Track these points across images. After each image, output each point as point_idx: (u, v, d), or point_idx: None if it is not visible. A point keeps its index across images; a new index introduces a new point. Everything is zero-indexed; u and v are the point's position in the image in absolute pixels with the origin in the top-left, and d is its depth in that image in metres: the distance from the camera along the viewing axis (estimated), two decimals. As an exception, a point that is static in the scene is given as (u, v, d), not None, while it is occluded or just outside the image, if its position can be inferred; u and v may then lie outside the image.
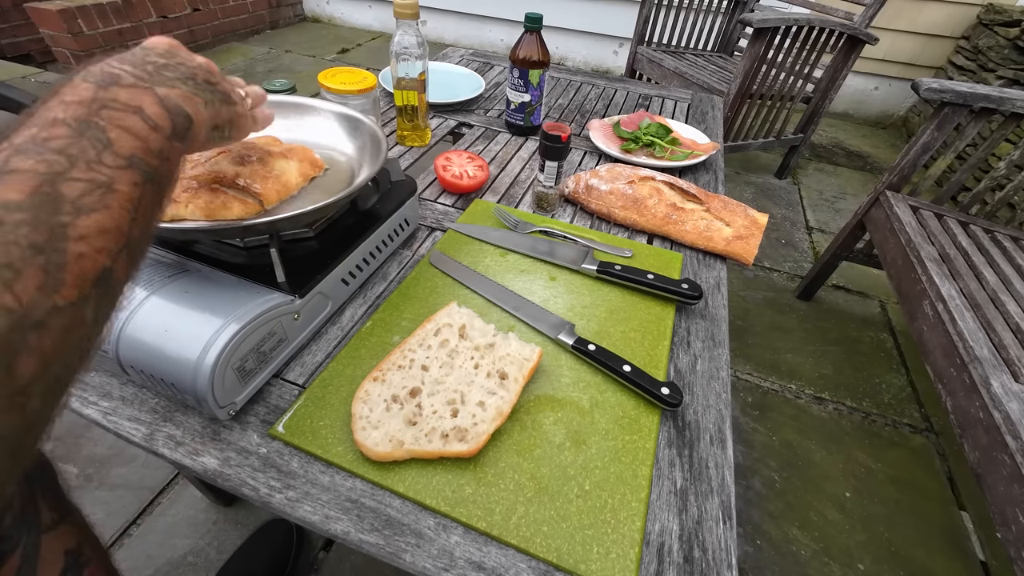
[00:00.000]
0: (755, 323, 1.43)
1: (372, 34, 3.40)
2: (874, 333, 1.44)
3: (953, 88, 1.09)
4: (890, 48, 2.50)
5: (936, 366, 0.90)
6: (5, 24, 2.41)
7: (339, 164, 0.57)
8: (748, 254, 0.67)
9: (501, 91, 1.14)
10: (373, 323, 0.52)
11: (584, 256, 0.62)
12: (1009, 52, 2.03)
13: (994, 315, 0.88)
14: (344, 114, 0.60)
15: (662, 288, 0.58)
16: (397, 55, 0.76)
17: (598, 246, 0.66)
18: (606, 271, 0.59)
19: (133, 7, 2.45)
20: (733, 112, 1.76)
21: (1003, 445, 0.70)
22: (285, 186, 0.49)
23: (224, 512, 0.89)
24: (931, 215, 1.17)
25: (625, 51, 2.89)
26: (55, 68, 2.45)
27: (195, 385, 0.38)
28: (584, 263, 0.61)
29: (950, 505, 1.04)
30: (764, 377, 1.27)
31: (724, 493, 0.41)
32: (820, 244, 1.79)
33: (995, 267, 1.01)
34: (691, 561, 0.37)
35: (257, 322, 0.41)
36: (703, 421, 0.47)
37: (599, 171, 0.76)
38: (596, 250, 0.64)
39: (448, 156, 0.77)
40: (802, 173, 2.24)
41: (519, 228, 0.68)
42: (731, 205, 0.72)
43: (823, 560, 0.93)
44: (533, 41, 0.84)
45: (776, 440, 1.13)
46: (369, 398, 0.43)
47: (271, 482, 0.39)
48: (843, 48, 1.75)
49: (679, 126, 0.96)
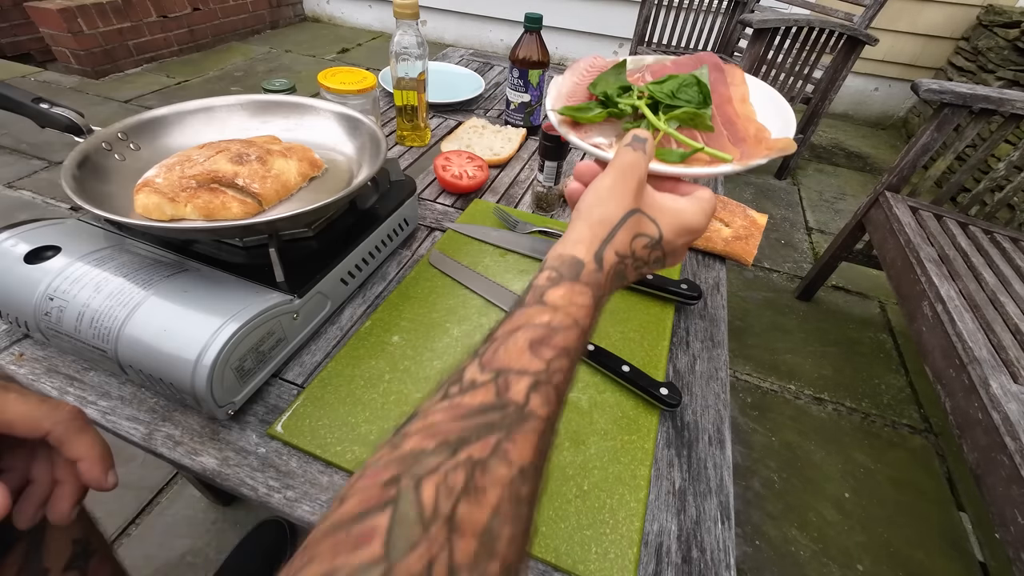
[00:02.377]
0: (754, 324, 1.43)
1: (372, 34, 3.40)
2: (873, 334, 1.44)
3: (953, 89, 1.09)
4: (890, 49, 2.51)
5: (935, 367, 0.90)
6: (5, 23, 2.42)
7: (338, 164, 0.57)
8: (747, 254, 0.67)
9: (501, 91, 1.14)
10: (372, 323, 0.52)
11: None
12: (1009, 53, 2.03)
13: (993, 316, 0.88)
14: (344, 114, 0.60)
15: (661, 288, 0.58)
16: (397, 55, 0.76)
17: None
18: None
19: (133, 6, 2.45)
20: (733, 113, 1.76)
21: (1002, 446, 0.70)
22: (284, 186, 0.49)
23: (223, 512, 0.89)
24: (930, 216, 1.17)
25: (625, 51, 2.89)
26: (55, 67, 2.46)
27: (194, 384, 0.38)
28: None
29: (949, 506, 1.04)
30: (763, 378, 1.27)
31: (723, 493, 0.42)
32: (820, 245, 1.79)
33: (994, 268, 1.01)
34: (689, 561, 0.37)
35: (256, 322, 0.41)
36: (702, 421, 0.47)
37: (599, 171, 0.76)
38: None
39: (448, 156, 0.77)
40: (802, 174, 2.24)
41: (519, 228, 0.68)
42: (730, 205, 0.72)
43: (822, 561, 0.93)
44: (533, 41, 0.84)
45: (775, 441, 1.13)
46: None
47: (270, 482, 0.39)
48: (843, 49, 1.75)
49: (760, 87, 0.41)
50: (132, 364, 0.40)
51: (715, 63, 0.40)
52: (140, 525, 0.87)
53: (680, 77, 0.38)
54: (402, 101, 0.82)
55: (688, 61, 0.41)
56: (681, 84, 0.37)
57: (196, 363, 0.37)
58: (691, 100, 0.37)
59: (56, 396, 0.43)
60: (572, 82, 0.43)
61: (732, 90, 0.40)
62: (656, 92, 0.37)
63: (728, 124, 0.37)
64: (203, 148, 0.49)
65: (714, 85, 0.39)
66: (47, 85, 2.32)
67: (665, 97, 0.37)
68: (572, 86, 0.43)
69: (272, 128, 0.59)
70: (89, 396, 0.44)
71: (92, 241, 0.45)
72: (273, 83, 0.69)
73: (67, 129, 0.47)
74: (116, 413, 0.43)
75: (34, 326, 0.42)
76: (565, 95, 0.41)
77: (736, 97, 0.39)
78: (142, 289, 0.41)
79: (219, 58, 2.76)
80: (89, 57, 2.35)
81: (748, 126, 0.37)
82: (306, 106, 0.60)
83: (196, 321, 0.39)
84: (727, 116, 0.38)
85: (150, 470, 0.93)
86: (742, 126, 0.37)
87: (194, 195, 0.44)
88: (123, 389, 0.45)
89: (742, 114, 0.38)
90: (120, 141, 0.50)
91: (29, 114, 0.46)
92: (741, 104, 0.39)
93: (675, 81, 0.38)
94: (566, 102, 0.41)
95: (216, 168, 0.46)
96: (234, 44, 3.00)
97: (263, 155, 0.49)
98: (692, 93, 0.37)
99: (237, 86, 2.45)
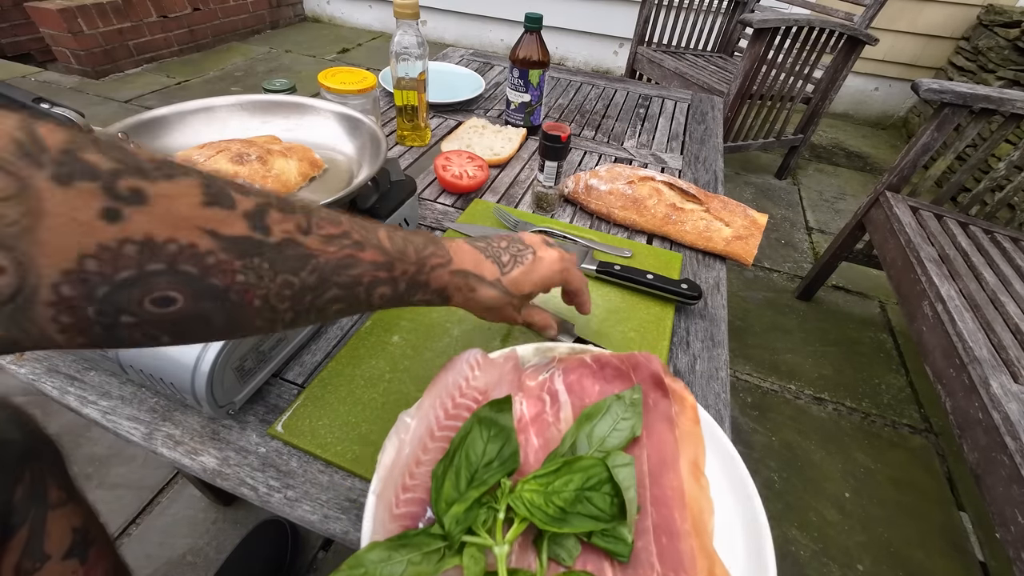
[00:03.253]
0: (755, 323, 1.43)
1: (372, 34, 3.40)
2: (874, 334, 1.44)
3: (953, 89, 1.09)
4: (890, 49, 2.50)
5: (935, 367, 0.90)
6: (5, 23, 2.41)
7: (338, 164, 0.58)
8: (748, 254, 0.67)
9: (501, 91, 1.14)
10: (373, 323, 0.52)
11: (584, 256, 0.62)
12: (1009, 53, 2.03)
13: (993, 316, 0.88)
14: (344, 114, 0.60)
15: (661, 288, 0.58)
16: (397, 55, 0.76)
17: (598, 246, 0.66)
18: (606, 271, 0.59)
19: (133, 6, 2.45)
20: (733, 112, 1.76)
21: (1002, 446, 0.70)
22: (284, 186, 0.49)
23: (223, 511, 0.89)
24: (931, 216, 1.17)
25: (625, 51, 2.89)
26: (55, 67, 2.46)
27: (194, 384, 0.38)
28: (584, 263, 0.61)
29: (949, 506, 1.04)
30: (763, 377, 1.27)
31: (723, 493, 0.41)
32: (820, 245, 1.79)
33: (995, 268, 1.01)
34: (690, 561, 0.37)
35: (256, 321, 0.41)
36: (702, 421, 0.47)
37: (599, 171, 0.76)
38: (596, 250, 0.64)
39: (448, 156, 0.77)
40: (802, 174, 2.24)
41: (519, 228, 0.68)
42: (731, 205, 0.72)
43: (822, 561, 0.93)
44: (533, 41, 0.84)
45: (775, 440, 1.13)
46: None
47: (270, 481, 0.39)
48: (843, 49, 1.75)
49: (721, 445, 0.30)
50: (132, 364, 0.40)
51: (655, 378, 0.28)
52: (140, 525, 0.87)
53: (585, 462, 0.25)
54: (402, 101, 0.82)
55: (618, 366, 0.30)
56: (585, 484, 0.24)
57: (197, 363, 0.37)
58: (599, 514, 0.23)
59: (57, 396, 0.43)
60: (419, 433, 0.28)
61: (681, 443, 0.25)
62: (538, 514, 0.23)
63: (663, 527, 0.22)
64: (203, 148, 0.49)
65: (651, 423, 0.26)
66: (47, 85, 2.33)
67: (550, 522, 0.23)
68: (418, 441, 0.28)
69: (272, 128, 0.59)
70: (90, 396, 0.44)
71: (92, 241, 0.45)
72: (273, 83, 0.69)
73: (67, 129, 0.47)
74: (116, 413, 0.43)
75: (35, 326, 0.42)
76: (397, 476, 0.26)
77: (686, 460, 0.25)
78: (142, 289, 0.41)
79: (219, 58, 2.76)
80: (89, 57, 2.35)
81: (698, 558, 0.21)
82: (306, 106, 0.60)
83: (196, 321, 0.39)
84: (663, 499, 0.23)
85: (150, 470, 0.94)
86: (686, 547, 0.21)
87: (194, 195, 0.44)
88: (123, 389, 0.45)
89: (690, 502, 0.23)
90: (120, 141, 0.50)
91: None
92: (692, 475, 0.25)
93: (576, 475, 0.24)
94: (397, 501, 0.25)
95: (216, 168, 0.46)
96: (234, 44, 3.00)
97: (263, 155, 0.49)
98: (602, 502, 0.23)
99: (237, 86, 2.45)
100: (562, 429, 0.30)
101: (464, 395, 0.30)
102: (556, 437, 0.29)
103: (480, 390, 0.31)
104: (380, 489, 0.26)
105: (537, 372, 0.34)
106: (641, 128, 1.03)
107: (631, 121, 1.05)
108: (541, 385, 0.32)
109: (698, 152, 0.96)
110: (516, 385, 0.32)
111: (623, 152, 0.93)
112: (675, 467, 0.25)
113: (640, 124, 1.04)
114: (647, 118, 1.07)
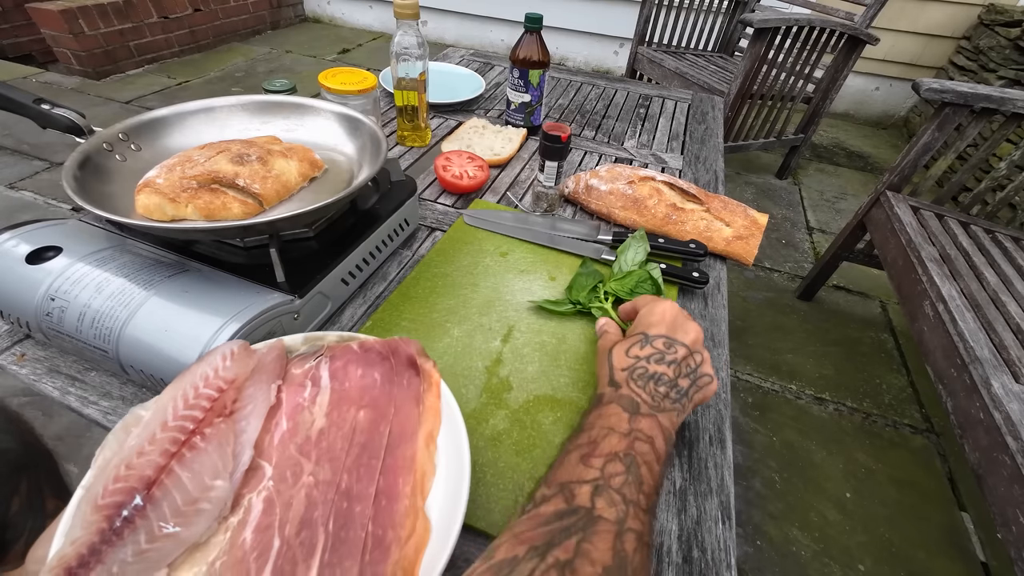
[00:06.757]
0: (755, 323, 1.43)
1: (373, 34, 3.40)
2: (875, 333, 1.44)
3: (954, 88, 1.09)
4: (891, 48, 2.50)
5: (937, 367, 0.90)
6: (6, 24, 2.42)
7: (339, 164, 0.58)
8: (748, 254, 0.67)
9: (501, 91, 1.14)
10: (373, 323, 0.52)
11: (598, 229, 0.67)
12: (1010, 52, 2.03)
13: (995, 315, 0.88)
14: (344, 114, 0.60)
15: (672, 251, 0.64)
16: (397, 55, 0.76)
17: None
18: (619, 239, 0.64)
19: (134, 7, 2.45)
20: (734, 112, 1.76)
21: (1003, 446, 0.70)
22: (285, 186, 0.49)
23: (224, 512, 0.89)
24: (932, 215, 1.17)
25: (625, 51, 2.90)
26: (56, 68, 2.46)
27: (195, 385, 0.38)
28: (600, 234, 0.66)
29: (951, 506, 1.04)
30: (764, 377, 1.27)
31: (723, 493, 0.41)
32: (821, 244, 1.79)
33: (996, 267, 1.01)
34: (690, 561, 0.37)
35: (257, 322, 0.41)
36: (702, 421, 0.47)
37: (599, 171, 0.76)
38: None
39: (448, 156, 0.77)
40: (803, 173, 2.24)
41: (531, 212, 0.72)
42: (731, 205, 0.72)
43: (823, 561, 0.93)
44: (533, 41, 0.84)
45: (776, 440, 1.13)
46: None
47: (270, 482, 0.39)
48: (844, 48, 1.75)
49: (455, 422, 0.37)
50: (133, 364, 0.40)
51: (410, 359, 0.35)
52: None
53: (636, 273, 0.54)
54: (402, 101, 0.82)
55: (380, 350, 0.36)
56: (638, 281, 0.54)
57: (197, 363, 0.37)
58: (647, 291, 0.53)
59: (58, 397, 0.44)
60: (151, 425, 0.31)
61: (423, 416, 0.33)
62: (619, 291, 0.54)
63: (385, 492, 0.29)
64: (204, 148, 0.49)
65: (401, 401, 0.33)
66: (48, 86, 2.33)
67: (626, 294, 0.53)
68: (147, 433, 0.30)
69: (273, 128, 0.59)
70: (90, 396, 0.44)
71: (93, 242, 0.45)
72: (274, 83, 0.69)
73: (68, 130, 0.47)
74: (117, 413, 0.43)
75: (35, 326, 0.42)
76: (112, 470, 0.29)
77: (424, 431, 0.32)
78: (143, 289, 0.41)
79: (220, 59, 2.76)
80: (90, 58, 2.35)
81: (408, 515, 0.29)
82: (307, 106, 0.60)
83: (197, 321, 0.39)
84: (394, 467, 0.30)
85: (151, 470, 0.94)
86: (400, 507, 0.29)
87: (195, 195, 0.44)
88: (124, 389, 0.45)
89: (417, 467, 0.31)
90: (121, 142, 0.50)
91: (30, 115, 0.46)
92: (425, 444, 0.32)
93: (632, 278, 0.54)
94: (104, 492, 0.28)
95: (217, 168, 0.46)
96: (235, 45, 3.00)
97: (264, 155, 0.49)
98: (647, 287, 0.53)
99: (238, 87, 2.45)
100: (315, 413, 0.33)
101: (208, 385, 0.31)
102: (308, 420, 0.32)
103: (228, 380, 0.31)
104: (91, 483, 0.28)
105: (304, 360, 0.35)
106: (641, 128, 1.03)
107: (631, 121, 1.05)
108: (306, 373, 0.34)
109: (698, 152, 0.95)
110: (277, 374, 0.34)
111: (623, 152, 0.93)
112: (413, 439, 0.31)
113: (640, 124, 1.04)
114: (647, 118, 1.07)
